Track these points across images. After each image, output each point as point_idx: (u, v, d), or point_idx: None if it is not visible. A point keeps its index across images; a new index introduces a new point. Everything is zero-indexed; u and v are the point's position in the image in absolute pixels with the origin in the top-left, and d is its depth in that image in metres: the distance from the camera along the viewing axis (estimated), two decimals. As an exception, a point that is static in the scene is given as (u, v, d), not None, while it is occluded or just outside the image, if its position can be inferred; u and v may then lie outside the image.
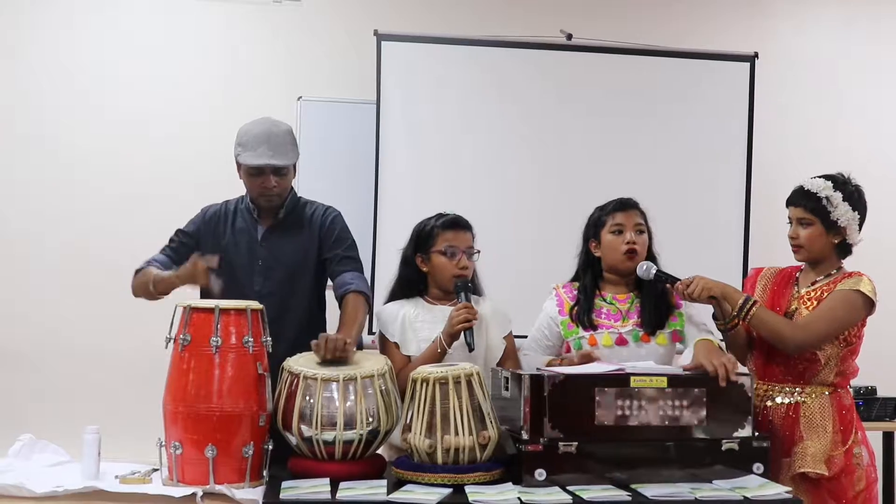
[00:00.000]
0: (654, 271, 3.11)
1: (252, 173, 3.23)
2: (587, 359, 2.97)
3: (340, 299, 3.21)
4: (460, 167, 4.85)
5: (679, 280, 3.06)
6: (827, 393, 3.05)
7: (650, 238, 3.22)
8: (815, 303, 3.06)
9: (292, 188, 3.36)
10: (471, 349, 3.03)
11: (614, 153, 4.92)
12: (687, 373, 2.86)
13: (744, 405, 2.78)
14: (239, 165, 3.28)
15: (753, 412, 2.82)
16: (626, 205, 3.22)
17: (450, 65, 4.88)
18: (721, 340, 3.13)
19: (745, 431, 2.75)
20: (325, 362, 2.81)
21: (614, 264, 3.18)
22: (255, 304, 2.78)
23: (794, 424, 3.03)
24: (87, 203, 4.89)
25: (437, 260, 3.18)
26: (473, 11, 5.17)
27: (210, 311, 2.69)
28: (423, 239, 3.22)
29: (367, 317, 3.25)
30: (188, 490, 2.58)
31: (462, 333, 3.03)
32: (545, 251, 4.54)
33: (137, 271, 3.21)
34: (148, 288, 3.09)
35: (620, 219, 3.18)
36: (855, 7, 5.51)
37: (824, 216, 3.04)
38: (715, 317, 3.09)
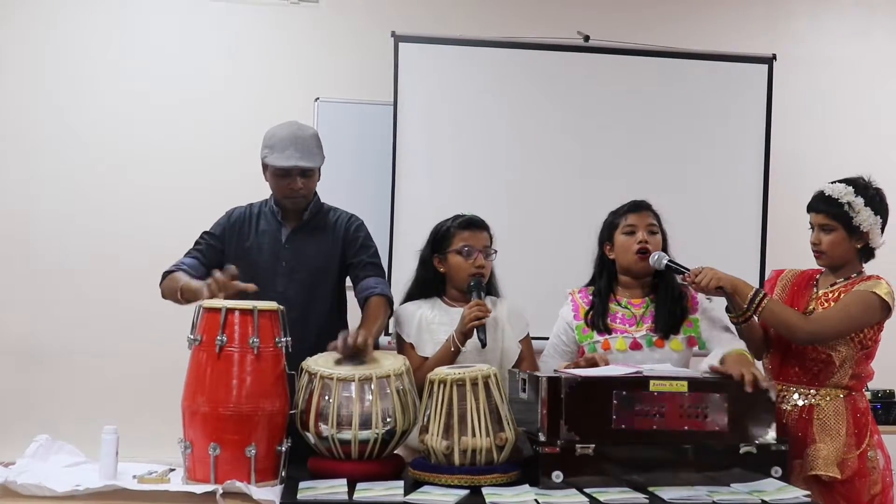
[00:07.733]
0: (666, 261, 3.12)
1: (279, 175, 3.26)
2: (592, 363, 2.96)
3: (363, 302, 3.23)
4: (477, 169, 4.84)
5: (689, 270, 3.06)
6: (842, 396, 3.04)
7: (665, 239, 3.22)
8: (832, 304, 3.05)
9: (316, 192, 3.38)
10: (483, 345, 3.03)
11: (631, 155, 4.90)
12: (706, 377, 2.85)
13: (768, 411, 2.75)
14: (266, 167, 3.31)
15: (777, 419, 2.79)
16: (638, 206, 3.23)
17: (467, 66, 4.87)
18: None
19: (769, 438, 2.72)
20: (343, 361, 2.82)
21: (627, 265, 3.19)
22: (266, 305, 2.75)
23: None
24: (106, 204, 4.89)
25: (453, 259, 3.19)
26: (491, 13, 5.16)
27: (217, 310, 2.68)
28: (439, 239, 3.23)
29: (388, 319, 3.26)
30: (209, 487, 2.58)
31: (475, 331, 3.03)
32: (561, 253, 4.54)
33: (166, 274, 3.22)
34: (176, 295, 3.09)
35: (633, 220, 3.19)
36: (874, 7, 5.47)
37: (846, 222, 3.03)
38: (728, 310, 3.09)
